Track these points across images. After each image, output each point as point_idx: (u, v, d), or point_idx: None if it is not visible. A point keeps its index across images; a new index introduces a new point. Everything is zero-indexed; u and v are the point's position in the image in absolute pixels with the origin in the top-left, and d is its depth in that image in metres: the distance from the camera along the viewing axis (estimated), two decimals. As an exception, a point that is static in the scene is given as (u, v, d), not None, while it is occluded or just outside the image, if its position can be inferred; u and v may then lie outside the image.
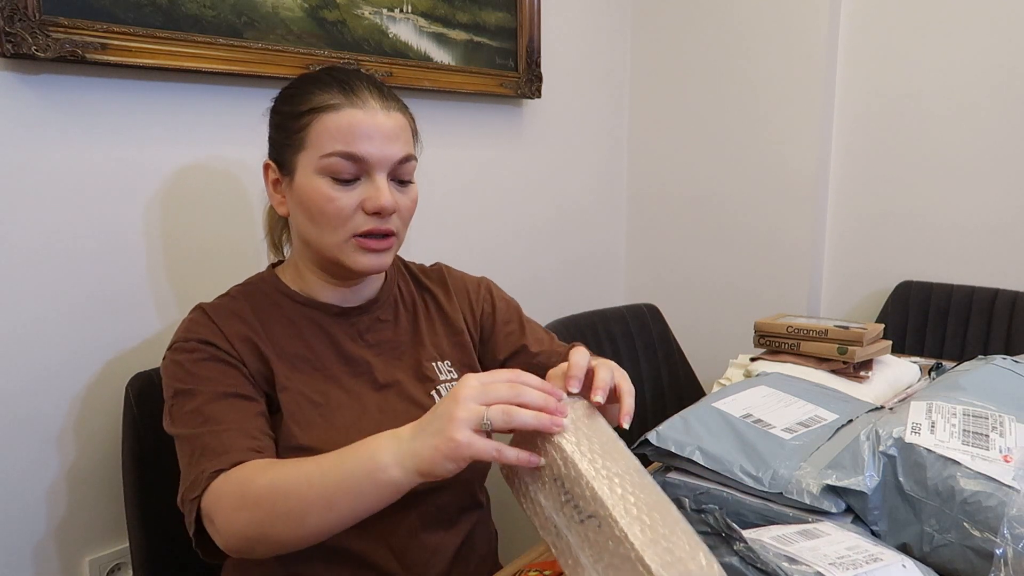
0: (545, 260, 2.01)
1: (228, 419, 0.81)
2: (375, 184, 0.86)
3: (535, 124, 1.91)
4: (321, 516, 0.70)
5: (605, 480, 0.61)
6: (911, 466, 0.78)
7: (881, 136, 1.94)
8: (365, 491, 0.69)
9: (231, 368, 0.85)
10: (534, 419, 0.65)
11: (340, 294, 0.94)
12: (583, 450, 0.63)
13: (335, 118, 0.85)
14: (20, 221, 1.06)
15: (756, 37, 2.00)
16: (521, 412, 0.65)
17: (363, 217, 0.86)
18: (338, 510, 0.70)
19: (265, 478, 0.74)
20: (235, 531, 0.74)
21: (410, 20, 1.51)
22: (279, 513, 0.71)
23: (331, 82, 0.87)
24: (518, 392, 0.66)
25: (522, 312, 1.09)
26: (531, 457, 0.65)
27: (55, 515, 1.13)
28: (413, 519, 0.90)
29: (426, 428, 0.67)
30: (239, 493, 0.74)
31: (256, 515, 0.72)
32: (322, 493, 0.70)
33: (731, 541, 0.64)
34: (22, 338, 1.08)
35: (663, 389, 1.70)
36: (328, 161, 0.85)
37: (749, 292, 2.11)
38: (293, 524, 0.71)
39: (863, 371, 1.28)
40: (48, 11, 1.02)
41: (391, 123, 0.87)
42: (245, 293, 0.94)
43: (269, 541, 0.73)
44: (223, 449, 0.78)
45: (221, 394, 0.82)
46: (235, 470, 0.76)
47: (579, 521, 0.60)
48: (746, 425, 0.92)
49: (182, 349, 0.86)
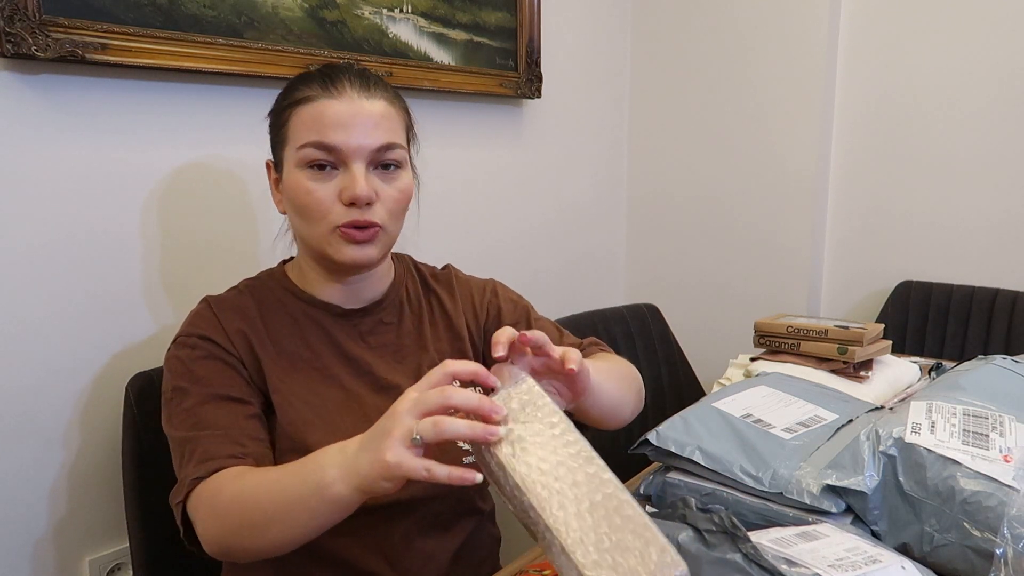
0: (545, 260, 2.01)
1: (217, 423, 0.81)
2: (351, 174, 0.84)
3: (535, 124, 1.91)
4: (281, 529, 0.71)
5: (545, 491, 0.58)
6: (911, 466, 0.78)
7: (881, 136, 1.94)
8: (315, 507, 0.69)
9: (228, 368, 0.86)
10: (468, 429, 0.61)
11: (342, 293, 0.93)
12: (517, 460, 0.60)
13: (309, 109, 0.84)
14: (20, 221, 1.06)
15: (756, 37, 2.00)
16: (452, 423, 0.61)
17: (342, 209, 0.84)
18: (295, 523, 0.70)
19: (233, 489, 0.75)
20: (210, 538, 0.76)
21: (410, 20, 1.51)
22: (243, 524, 0.73)
23: (315, 76, 0.87)
24: (447, 396, 0.62)
25: (532, 311, 1.05)
26: (464, 474, 0.60)
27: (55, 515, 1.13)
28: (408, 525, 0.90)
29: (367, 445, 0.65)
30: (211, 503, 0.76)
31: (225, 525, 0.74)
32: (280, 507, 0.71)
33: (736, 540, 0.64)
34: (22, 338, 1.08)
35: (663, 389, 1.70)
36: (303, 152, 0.84)
37: (749, 292, 2.11)
38: (256, 535, 0.72)
39: (863, 371, 1.28)
40: (48, 11, 1.02)
41: (371, 110, 0.85)
42: (252, 288, 0.94)
43: (239, 548, 0.74)
44: (206, 456, 0.79)
45: (214, 396, 0.83)
46: (212, 478, 0.77)
47: (539, 531, 0.60)
48: (746, 425, 0.92)
49: (184, 344, 0.87)
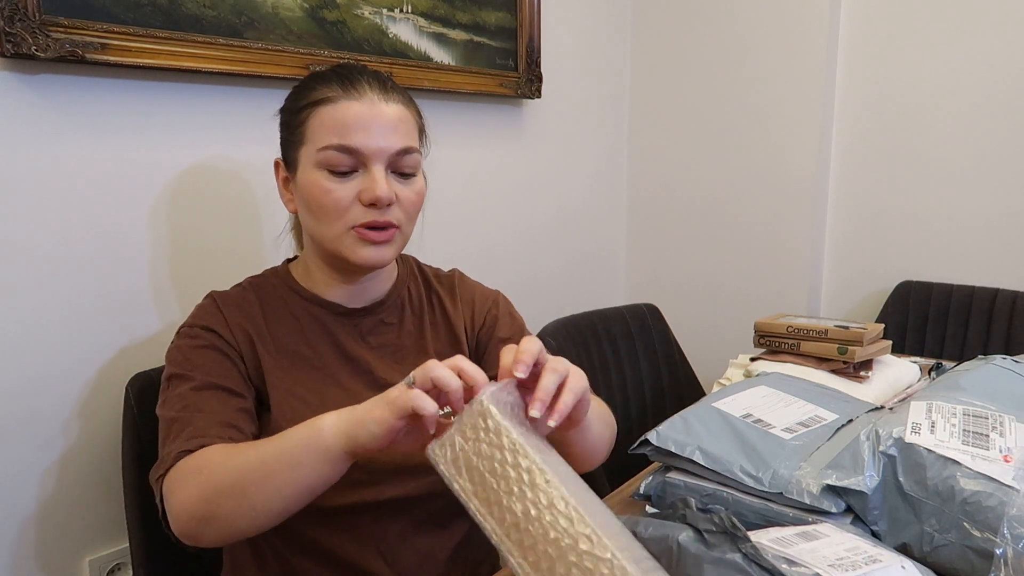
0: (545, 260, 2.01)
1: (208, 408, 0.81)
2: (371, 175, 0.85)
3: (535, 124, 1.91)
4: (260, 490, 0.70)
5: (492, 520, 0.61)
6: (911, 466, 0.78)
7: (881, 136, 1.94)
8: (300, 458, 0.69)
9: (227, 359, 0.86)
10: (451, 378, 0.64)
11: (346, 293, 0.94)
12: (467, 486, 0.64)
13: (331, 111, 0.84)
14: (20, 221, 1.06)
15: (756, 37, 2.00)
16: (439, 367, 0.65)
17: (361, 209, 0.85)
18: (276, 483, 0.70)
19: (219, 456, 0.74)
20: (185, 509, 0.73)
21: (410, 20, 1.51)
22: (223, 487, 0.71)
23: (332, 77, 0.87)
24: (428, 368, 0.66)
25: (526, 331, 1.05)
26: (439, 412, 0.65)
27: (55, 515, 1.13)
28: (405, 524, 0.90)
29: (368, 402, 0.68)
30: (195, 471, 0.74)
31: (204, 491, 0.72)
32: (262, 465, 0.70)
33: (737, 540, 0.64)
34: (22, 338, 1.08)
35: (663, 389, 1.70)
36: (325, 154, 0.84)
37: (749, 292, 2.11)
38: (236, 497, 0.71)
39: (863, 371, 1.28)
40: (48, 11, 1.02)
41: (390, 113, 0.86)
42: (256, 286, 0.95)
43: (215, 519, 0.72)
44: (194, 433, 0.78)
45: (209, 384, 0.83)
46: (198, 452, 0.76)
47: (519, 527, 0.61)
48: (746, 425, 0.92)
49: (185, 335, 0.88)
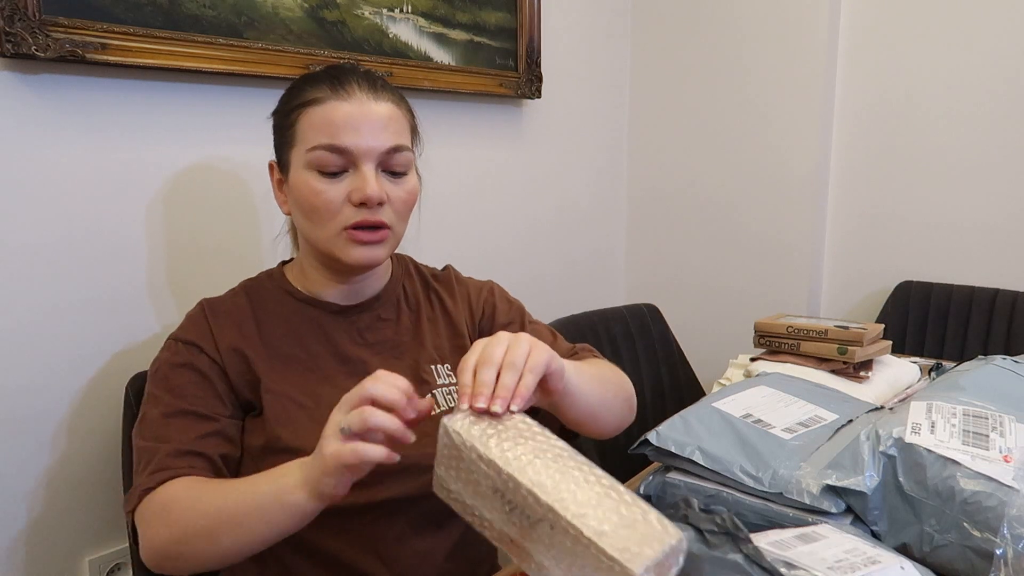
0: (545, 260, 2.01)
1: (174, 437, 0.82)
2: (361, 174, 0.84)
3: (535, 124, 1.91)
4: (233, 536, 0.72)
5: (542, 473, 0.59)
6: (911, 466, 0.78)
7: (881, 136, 1.94)
8: (273, 514, 0.70)
9: (203, 380, 0.86)
10: (388, 420, 0.65)
11: (341, 292, 0.94)
12: (509, 455, 0.61)
13: (319, 111, 0.84)
14: (20, 221, 1.06)
15: (756, 37, 2.00)
16: (375, 412, 0.65)
17: (352, 209, 0.85)
18: (249, 531, 0.71)
19: (187, 496, 0.76)
20: (155, 547, 0.76)
21: (410, 20, 1.51)
22: (194, 531, 0.73)
23: (322, 77, 0.87)
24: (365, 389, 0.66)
25: (526, 313, 1.07)
26: (390, 453, 0.65)
27: (55, 515, 1.13)
28: (402, 524, 0.90)
29: (318, 449, 0.68)
30: (161, 511, 0.76)
31: (174, 532, 0.74)
32: (234, 513, 0.72)
33: (738, 541, 0.64)
34: (22, 338, 1.08)
35: (663, 389, 1.70)
36: (314, 155, 0.84)
37: (749, 292, 2.11)
38: (206, 542, 0.73)
39: (863, 371, 1.28)
40: (48, 11, 1.02)
41: (380, 112, 0.86)
42: (249, 289, 0.95)
43: (184, 558, 0.75)
44: (158, 466, 0.80)
45: (178, 410, 0.84)
46: (162, 488, 0.78)
47: (529, 527, 0.60)
48: (746, 425, 0.92)
49: (170, 348, 0.89)
